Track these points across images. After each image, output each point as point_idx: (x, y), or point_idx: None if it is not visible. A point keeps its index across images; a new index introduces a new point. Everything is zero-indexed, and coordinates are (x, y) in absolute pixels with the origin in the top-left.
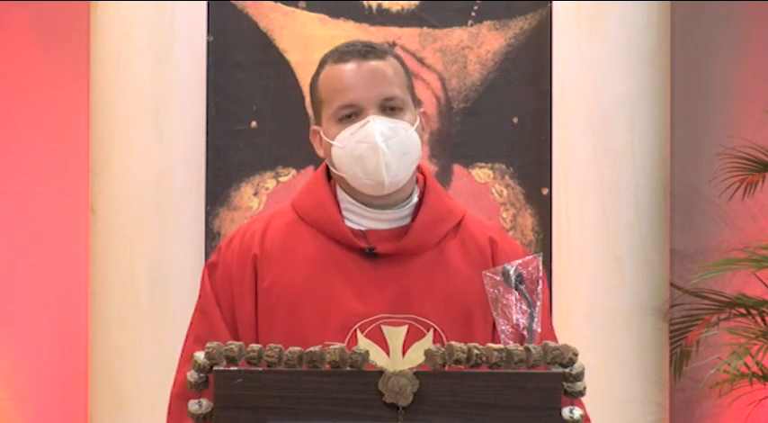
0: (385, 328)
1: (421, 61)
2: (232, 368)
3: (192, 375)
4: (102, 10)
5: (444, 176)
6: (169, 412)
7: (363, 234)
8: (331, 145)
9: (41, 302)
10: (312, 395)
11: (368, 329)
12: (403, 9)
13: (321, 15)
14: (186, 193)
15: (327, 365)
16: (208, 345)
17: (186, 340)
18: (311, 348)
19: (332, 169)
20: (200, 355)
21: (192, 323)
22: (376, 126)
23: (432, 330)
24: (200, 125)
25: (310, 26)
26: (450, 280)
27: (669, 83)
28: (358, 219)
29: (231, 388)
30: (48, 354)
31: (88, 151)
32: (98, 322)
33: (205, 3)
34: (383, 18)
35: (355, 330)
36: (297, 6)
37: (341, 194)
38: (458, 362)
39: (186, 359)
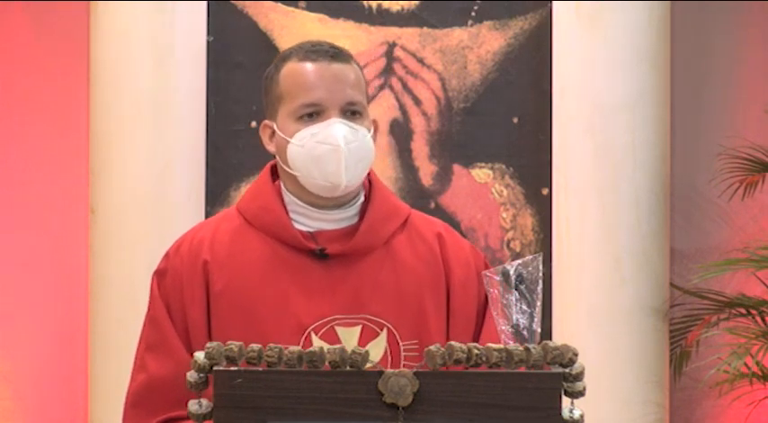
0: (339, 329)
1: (421, 61)
2: (232, 368)
3: (191, 375)
4: (102, 10)
5: (444, 176)
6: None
7: (312, 235)
8: (287, 142)
9: (41, 302)
10: (312, 395)
11: (322, 331)
12: (403, 9)
13: (321, 15)
14: (186, 193)
15: (327, 365)
16: (208, 345)
17: (138, 348)
18: (311, 348)
19: (283, 167)
20: (200, 355)
21: (143, 331)
22: (340, 129)
23: (385, 329)
24: (199, 125)
25: (310, 26)
26: (401, 277)
27: (669, 83)
28: (306, 220)
29: (231, 388)
30: (48, 354)
31: (88, 151)
32: (98, 322)
33: (205, 3)
34: (383, 18)
35: (309, 332)
36: (297, 6)
37: (287, 196)
38: (458, 362)
39: (139, 368)
